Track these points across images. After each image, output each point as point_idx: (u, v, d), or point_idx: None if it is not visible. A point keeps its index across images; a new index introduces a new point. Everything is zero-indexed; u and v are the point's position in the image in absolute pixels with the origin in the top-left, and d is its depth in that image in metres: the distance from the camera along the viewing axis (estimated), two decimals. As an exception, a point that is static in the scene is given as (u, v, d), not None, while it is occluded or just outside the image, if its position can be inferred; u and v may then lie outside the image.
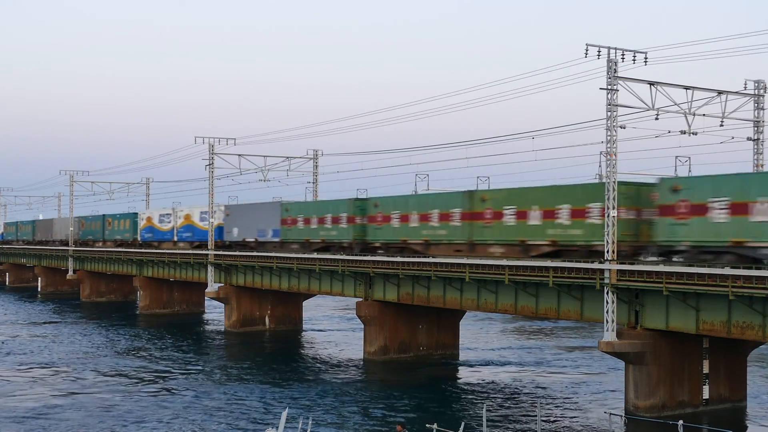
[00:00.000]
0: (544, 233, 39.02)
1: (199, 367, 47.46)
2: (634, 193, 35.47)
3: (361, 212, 52.28)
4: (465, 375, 45.72)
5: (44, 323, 70.90)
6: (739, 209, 30.54)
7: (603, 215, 34.99)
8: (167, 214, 79.13)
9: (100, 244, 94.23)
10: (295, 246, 58.63)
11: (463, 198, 44.05)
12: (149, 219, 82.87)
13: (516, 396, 39.28)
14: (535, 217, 39.43)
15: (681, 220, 32.91)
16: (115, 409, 35.70)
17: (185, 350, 54.70)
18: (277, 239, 61.03)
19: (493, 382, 43.05)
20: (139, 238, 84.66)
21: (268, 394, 39.08)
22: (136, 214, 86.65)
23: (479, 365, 48.71)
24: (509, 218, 40.95)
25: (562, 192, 38.61)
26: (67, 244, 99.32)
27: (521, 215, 39.95)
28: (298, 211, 58.68)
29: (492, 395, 39.36)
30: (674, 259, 33.35)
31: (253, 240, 64.81)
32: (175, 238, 77.03)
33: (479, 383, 42.69)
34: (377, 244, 51.17)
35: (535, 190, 40.37)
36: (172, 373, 45.33)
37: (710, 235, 31.73)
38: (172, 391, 39.89)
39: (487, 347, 55.94)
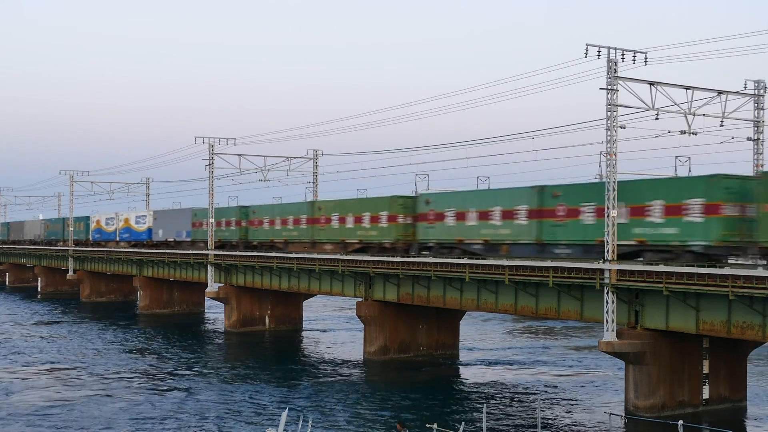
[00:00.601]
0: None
1: (199, 368, 47.45)
2: (410, 203, 48.53)
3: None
4: (465, 375, 45.72)
5: (44, 323, 70.90)
6: (461, 217, 44.11)
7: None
8: (111, 218, 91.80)
9: (61, 243, 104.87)
10: (201, 244, 71.73)
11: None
12: (98, 222, 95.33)
13: (516, 396, 39.28)
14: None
15: (431, 225, 46.43)
16: (114, 409, 35.69)
17: (185, 350, 54.70)
18: (189, 239, 74.84)
19: (493, 382, 43.05)
20: (90, 238, 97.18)
21: (268, 394, 39.08)
22: (89, 217, 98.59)
23: (479, 365, 48.72)
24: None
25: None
26: (35, 244, 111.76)
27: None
28: (203, 215, 71.47)
29: (492, 395, 39.36)
30: (423, 253, 46.85)
31: (172, 239, 78.16)
32: (117, 239, 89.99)
33: (479, 383, 42.69)
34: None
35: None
36: (172, 373, 45.33)
37: (446, 235, 45.20)
38: (172, 391, 39.88)
39: (487, 347, 55.94)
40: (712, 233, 32.28)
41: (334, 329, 67.22)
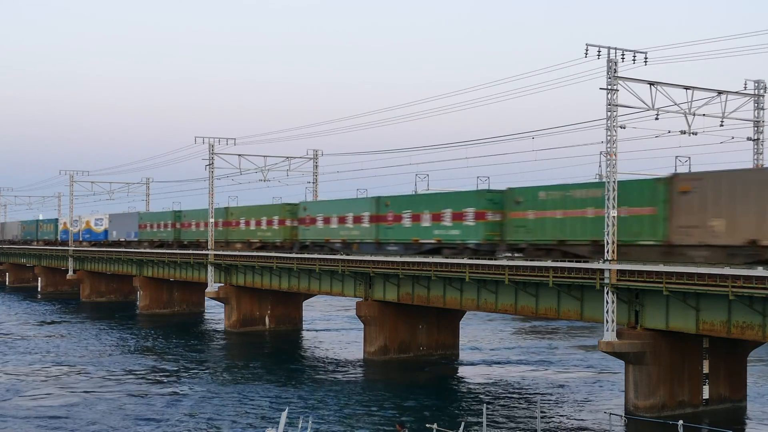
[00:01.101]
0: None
1: (199, 368, 47.45)
2: (294, 209, 58.94)
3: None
4: (465, 375, 45.72)
5: (44, 323, 70.88)
6: (326, 221, 51.34)
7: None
8: (76, 220, 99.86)
9: (35, 243, 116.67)
10: (145, 243, 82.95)
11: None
12: (65, 224, 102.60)
13: (516, 396, 39.28)
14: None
15: (307, 227, 55.30)
16: (113, 409, 35.68)
17: (185, 350, 54.70)
18: (136, 239, 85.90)
19: (493, 382, 43.05)
20: (58, 238, 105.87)
21: (267, 394, 39.07)
22: (57, 219, 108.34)
23: (479, 365, 48.72)
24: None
25: None
26: (14, 243, 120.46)
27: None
28: (148, 218, 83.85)
29: (492, 395, 39.36)
30: (302, 249, 53.45)
31: (123, 239, 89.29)
32: (81, 239, 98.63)
33: (479, 383, 42.69)
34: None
35: None
36: (172, 373, 45.32)
37: (317, 235, 52.28)
38: (171, 391, 39.87)
39: (487, 347, 55.95)
40: (480, 234, 42.42)
41: (334, 329, 67.22)
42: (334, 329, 67.22)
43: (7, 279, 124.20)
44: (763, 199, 30.55)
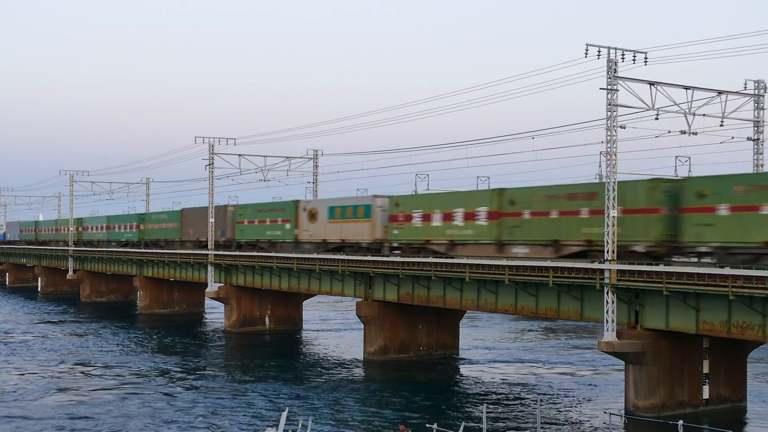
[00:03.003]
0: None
1: (199, 368, 47.45)
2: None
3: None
4: (465, 375, 45.72)
5: (44, 324, 70.86)
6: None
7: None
8: None
9: None
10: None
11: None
12: None
13: (516, 396, 39.28)
14: None
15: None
16: (112, 409, 35.69)
17: (185, 350, 54.69)
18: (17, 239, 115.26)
19: (493, 382, 43.04)
20: None
21: (267, 394, 39.07)
22: None
23: (479, 365, 48.71)
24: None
25: None
26: None
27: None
28: (24, 225, 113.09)
29: (492, 395, 39.36)
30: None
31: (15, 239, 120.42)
32: None
33: (479, 383, 42.69)
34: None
35: None
36: (171, 373, 45.31)
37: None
38: (171, 391, 39.87)
39: (487, 347, 55.94)
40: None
41: (334, 329, 67.21)
42: (334, 329, 67.21)
43: (7, 279, 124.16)
44: None
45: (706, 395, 35.13)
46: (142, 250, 78.77)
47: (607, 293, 33.96)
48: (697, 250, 33.00)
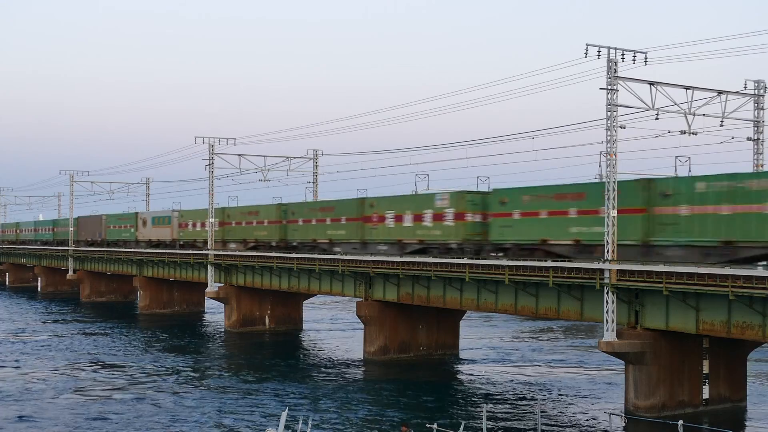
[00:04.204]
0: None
1: (199, 368, 47.45)
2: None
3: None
4: (465, 375, 45.72)
5: (43, 323, 70.89)
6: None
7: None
8: None
9: None
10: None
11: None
12: None
13: (516, 396, 39.28)
14: None
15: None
16: (110, 409, 35.70)
17: (185, 350, 54.69)
18: None
19: (493, 382, 43.04)
20: None
21: (267, 394, 39.07)
22: None
23: (479, 365, 48.71)
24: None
25: None
26: None
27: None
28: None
29: (492, 395, 39.36)
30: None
31: None
32: None
33: (479, 383, 42.69)
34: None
35: None
36: (171, 373, 45.31)
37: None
38: (170, 391, 39.87)
39: (487, 347, 55.93)
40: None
41: (334, 329, 67.21)
42: (334, 329, 67.21)
43: (7, 279, 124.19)
44: None
45: (706, 395, 35.13)
46: (142, 250, 78.84)
47: (607, 293, 33.96)
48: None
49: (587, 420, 34.28)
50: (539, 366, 48.20)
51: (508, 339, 60.77)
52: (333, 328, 68.33)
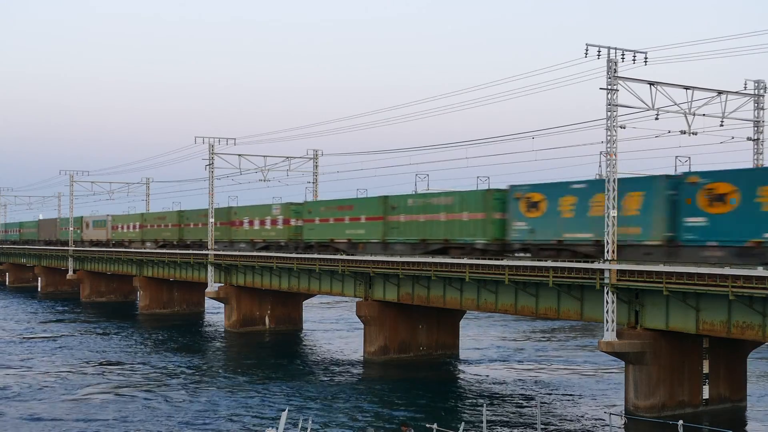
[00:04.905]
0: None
1: (199, 368, 47.45)
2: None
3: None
4: (465, 375, 45.72)
5: (43, 323, 70.89)
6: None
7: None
8: None
9: None
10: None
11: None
12: None
13: (516, 396, 39.28)
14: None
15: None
16: (109, 409, 35.70)
17: (185, 350, 54.69)
18: None
19: (493, 381, 43.05)
20: None
21: (267, 394, 39.08)
22: None
23: (479, 365, 48.72)
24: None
25: None
26: None
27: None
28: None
29: (492, 395, 39.36)
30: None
31: None
32: None
33: (479, 383, 42.69)
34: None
35: None
36: (171, 373, 45.32)
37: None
38: (171, 391, 39.87)
39: (487, 347, 55.94)
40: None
41: (334, 329, 67.21)
42: (334, 329, 67.21)
43: (7, 279, 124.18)
44: None
45: (706, 395, 35.13)
46: (143, 250, 78.88)
47: (607, 293, 33.96)
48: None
49: (587, 420, 34.29)
50: (539, 366, 48.20)
51: (508, 339, 60.77)
52: (333, 328, 68.32)
